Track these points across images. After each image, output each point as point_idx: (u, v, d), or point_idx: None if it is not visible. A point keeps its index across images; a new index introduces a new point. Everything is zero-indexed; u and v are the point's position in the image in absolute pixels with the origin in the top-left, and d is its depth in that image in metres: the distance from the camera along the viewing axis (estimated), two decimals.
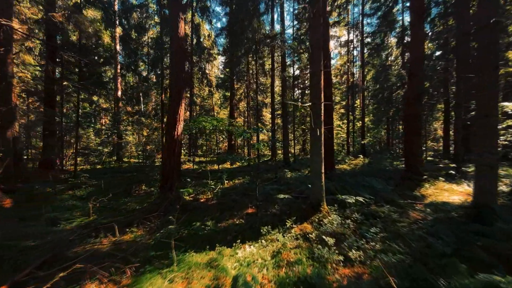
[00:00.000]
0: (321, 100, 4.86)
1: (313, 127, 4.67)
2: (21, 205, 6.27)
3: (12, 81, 7.22)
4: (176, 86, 5.80)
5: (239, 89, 20.80)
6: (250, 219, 4.95)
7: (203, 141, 22.85)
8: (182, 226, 4.60)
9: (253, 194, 6.98)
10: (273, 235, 3.98)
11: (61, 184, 8.72)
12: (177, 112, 5.80)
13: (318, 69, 4.80)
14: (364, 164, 13.33)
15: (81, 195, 7.60)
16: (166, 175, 5.67)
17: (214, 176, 10.57)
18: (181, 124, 5.91)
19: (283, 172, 11.24)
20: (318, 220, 4.51)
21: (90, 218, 4.97)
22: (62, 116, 13.08)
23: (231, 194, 7.18)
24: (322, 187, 4.90)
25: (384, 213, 4.90)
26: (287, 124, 14.71)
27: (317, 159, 4.85)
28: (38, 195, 7.20)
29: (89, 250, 3.43)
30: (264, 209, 5.63)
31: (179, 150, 5.91)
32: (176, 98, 5.79)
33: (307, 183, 8.27)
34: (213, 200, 6.65)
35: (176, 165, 5.85)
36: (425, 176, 7.88)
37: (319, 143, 4.80)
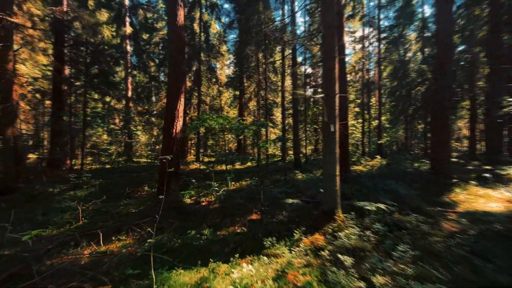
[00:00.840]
0: (336, 91, 4.19)
1: (326, 122, 4.02)
2: (16, 206, 6.01)
3: (13, 79, 7.04)
4: (174, 79, 5.32)
5: (249, 88, 20.27)
6: (253, 227, 4.36)
7: (212, 141, 22.51)
8: (176, 233, 4.08)
9: (259, 198, 6.40)
10: (278, 248, 3.37)
11: (64, 184, 8.52)
12: (176, 107, 5.31)
13: (332, 55, 4.14)
14: (381, 165, 12.39)
15: (81, 196, 7.31)
16: (163, 177, 5.20)
17: (220, 177, 10.08)
18: (180, 121, 5.42)
19: (293, 173, 10.56)
20: (332, 231, 3.84)
21: (80, 223, 4.56)
22: (70, 115, 13.08)
23: (235, 197, 6.62)
24: (336, 191, 4.23)
25: (411, 223, 4.15)
26: (298, 122, 14.00)
27: (331, 159, 4.18)
28: (37, 196, 6.97)
29: (63, 263, 2.97)
30: (270, 215, 5.02)
31: (178, 149, 5.42)
32: (174, 92, 5.31)
33: (319, 186, 7.58)
34: (216, 203, 6.12)
35: (175, 165, 5.36)
36: (455, 180, 6.97)
37: (333, 141, 4.14)
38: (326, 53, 4.15)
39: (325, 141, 4.24)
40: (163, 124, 5.45)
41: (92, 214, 5.10)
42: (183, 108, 5.60)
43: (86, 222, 4.59)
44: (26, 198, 6.73)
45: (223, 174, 10.76)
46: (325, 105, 3.91)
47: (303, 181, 9.02)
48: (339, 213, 4.24)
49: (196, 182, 8.72)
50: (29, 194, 6.99)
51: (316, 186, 7.65)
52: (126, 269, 2.72)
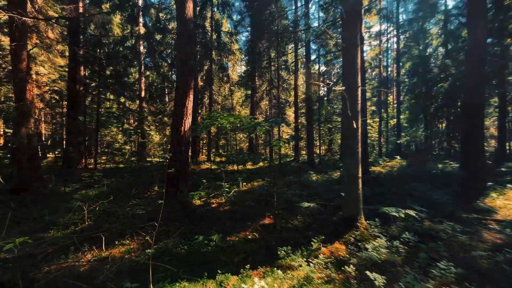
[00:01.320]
0: (358, 84, 3.76)
1: (349, 117, 3.59)
2: (26, 205, 5.99)
3: (26, 78, 7.08)
4: (182, 74, 5.06)
5: (261, 87, 19.92)
6: (266, 234, 4.00)
7: (224, 141, 22.33)
8: (183, 239, 3.79)
9: (272, 200, 6.03)
10: (294, 259, 2.99)
11: (77, 183, 8.54)
12: (184, 104, 5.05)
13: (354, 44, 3.71)
14: (402, 166, 11.64)
15: (91, 196, 7.24)
16: (171, 177, 4.95)
17: (231, 177, 9.80)
18: (189, 119, 5.16)
19: (307, 174, 10.09)
20: (355, 240, 3.41)
21: (85, 224, 4.39)
22: (85, 115, 13.29)
23: (246, 199, 6.29)
24: (359, 195, 3.79)
25: (446, 232, 3.64)
26: (312, 121, 13.49)
27: (352, 160, 3.75)
28: (48, 195, 6.97)
29: (60, 270, 2.74)
30: (284, 220, 4.64)
31: (186, 149, 5.16)
32: (183, 88, 5.05)
33: (337, 189, 7.10)
34: (226, 205, 5.81)
35: (183, 165, 5.10)
36: (489, 183, 6.28)
37: (355, 139, 3.70)
38: (347, 41, 3.72)
39: (346, 138, 3.81)
40: (171, 122, 5.21)
41: (98, 215, 4.93)
42: (192, 105, 5.33)
43: (92, 223, 4.41)
44: (37, 197, 6.73)
45: (234, 175, 10.48)
46: (348, 98, 3.48)
47: (318, 182, 8.55)
48: (362, 219, 3.80)
49: (207, 182, 8.48)
50: (41, 192, 7.00)
51: (332, 188, 7.19)
52: (124, 281, 2.44)
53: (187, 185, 5.26)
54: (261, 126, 4.29)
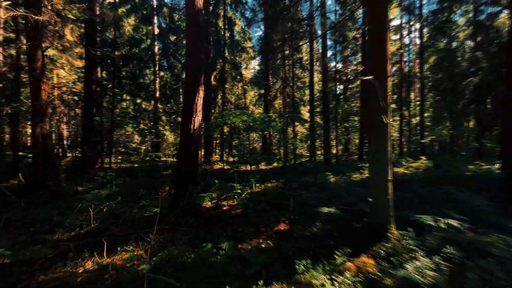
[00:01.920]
0: (388, 73, 3.27)
1: (377, 110, 3.11)
2: (38, 205, 5.97)
3: (41, 78, 7.13)
4: (192, 68, 4.78)
5: (274, 85, 19.48)
6: (282, 242, 3.60)
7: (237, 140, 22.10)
8: (190, 245, 3.48)
9: (287, 203, 5.61)
10: (315, 276, 2.57)
11: (91, 183, 8.56)
12: (194, 101, 4.76)
13: (383, 26, 3.22)
14: (428, 168, 10.78)
15: (103, 195, 7.17)
16: (180, 178, 4.67)
17: (244, 178, 9.47)
18: (198, 116, 4.86)
19: (324, 175, 9.54)
20: (386, 254, 2.93)
21: (90, 227, 4.20)
22: (101, 115, 13.51)
23: (260, 202, 5.89)
24: (389, 201, 3.30)
25: (496, 247, 3.06)
26: (328, 119, 12.88)
27: (382, 159, 3.26)
28: (62, 194, 6.97)
29: (56, 279, 2.50)
30: (301, 226, 4.21)
31: (196, 148, 4.87)
32: (192, 84, 4.77)
33: (358, 192, 6.55)
34: (238, 208, 5.46)
35: (193, 165, 4.81)
36: None
37: (385, 136, 3.22)
38: (375, 22, 3.24)
39: (375, 135, 3.33)
40: (181, 120, 4.94)
41: (105, 216, 4.75)
42: (205, 104, 5.03)
43: (97, 226, 4.22)
44: (50, 196, 6.73)
45: (247, 175, 10.14)
46: (378, 89, 3.01)
47: (337, 184, 8.01)
48: (393, 229, 3.30)
49: (219, 183, 8.20)
50: (54, 192, 7.01)
51: (353, 191, 6.64)
52: None
53: (197, 186, 4.96)
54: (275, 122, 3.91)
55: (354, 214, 4.52)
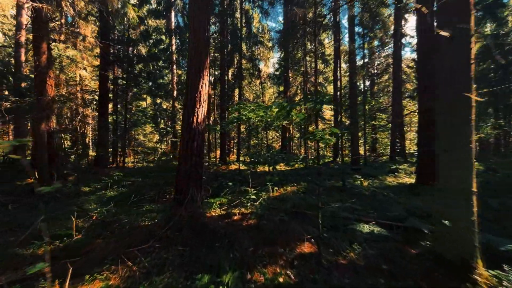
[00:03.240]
0: (471, 29, 2.14)
1: (455, 82, 2.00)
2: (33, 208, 5.50)
3: (46, 72, 6.76)
4: (195, 49, 3.94)
5: (295, 80, 18.33)
6: (307, 274, 2.59)
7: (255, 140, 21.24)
8: (183, 271, 2.60)
9: (311, 214, 4.58)
10: None
11: (99, 183, 8.12)
12: (197, 87, 3.92)
13: None
14: (480, 172, 9.06)
15: (106, 197, 6.63)
16: (181, 181, 3.85)
17: (260, 180, 8.55)
18: (203, 107, 4.01)
19: (353, 179, 8.30)
20: None
21: (74, 239, 3.50)
22: (117, 114, 13.33)
23: (278, 210, 4.91)
24: (473, 224, 2.16)
25: None
26: (356, 115, 11.53)
27: (463, 161, 2.14)
28: (63, 196, 6.52)
29: None
30: (333, 248, 3.16)
31: (200, 145, 4.01)
32: (196, 67, 3.93)
33: (401, 201, 5.32)
34: (251, 218, 4.52)
35: (196, 166, 3.96)
36: None
37: (467, 125, 2.09)
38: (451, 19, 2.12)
39: (448, 123, 2.21)
40: (182, 112, 4.12)
41: (94, 226, 4.05)
42: (208, 90, 4.17)
43: (81, 238, 3.51)
44: (51, 199, 6.29)
45: (264, 177, 9.20)
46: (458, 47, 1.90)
47: (372, 191, 6.76)
48: (480, 267, 2.15)
49: (233, 185, 7.36)
50: (59, 193, 6.58)
51: (395, 201, 5.42)
52: None
53: (201, 190, 4.10)
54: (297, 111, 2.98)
55: (404, 235, 3.38)
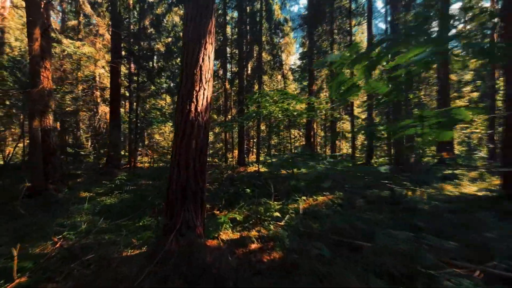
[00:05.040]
0: None
1: None
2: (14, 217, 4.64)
3: (42, 62, 5.96)
4: (193, 12, 2.68)
5: (320, 73, 16.62)
6: None
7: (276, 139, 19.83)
8: None
9: (362, 246, 3.16)
10: None
11: (102, 187, 7.28)
12: (196, 61, 2.68)
13: None
14: None
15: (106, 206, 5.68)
16: (172, 200, 2.63)
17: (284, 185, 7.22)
18: (205, 90, 2.76)
19: (401, 186, 6.61)
20: None
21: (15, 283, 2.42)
22: (130, 113, 12.68)
23: (311, 235, 3.53)
24: None
25: None
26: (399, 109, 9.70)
27: None
28: (62, 201, 5.68)
29: None
30: None
31: (201, 145, 2.76)
32: (195, 33, 2.69)
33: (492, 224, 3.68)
34: (275, 249, 3.19)
35: (196, 177, 2.70)
36: None
37: None
38: None
39: None
40: (177, 98, 2.86)
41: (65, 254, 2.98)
42: (213, 67, 2.90)
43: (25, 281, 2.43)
44: (45, 204, 5.46)
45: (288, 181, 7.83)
46: None
47: (432, 205, 5.10)
48: None
49: (251, 192, 6.10)
50: (50, 198, 5.75)
51: (483, 223, 3.77)
52: None
53: (202, 212, 2.84)
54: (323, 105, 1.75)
55: None
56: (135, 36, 11.49)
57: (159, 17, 12.24)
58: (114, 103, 10.73)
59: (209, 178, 8.28)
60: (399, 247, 2.99)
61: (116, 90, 10.75)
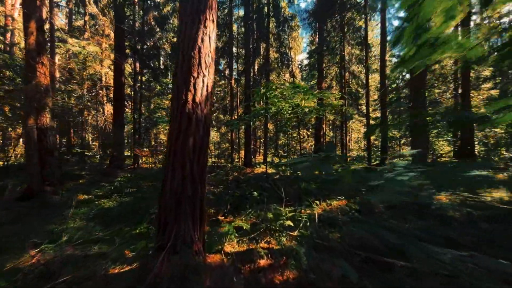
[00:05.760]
0: None
1: None
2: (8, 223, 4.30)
3: (39, 57, 5.65)
4: None
5: (329, 70, 16.01)
6: None
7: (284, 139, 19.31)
8: None
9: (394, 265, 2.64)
10: None
11: (101, 189, 6.94)
12: (194, 42, 2.22)
13: None
14: None
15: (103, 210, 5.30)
16: (165, 210, 2.18)
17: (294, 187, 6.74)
18: (206, 77, 2.29)
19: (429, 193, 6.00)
20: None
21: None
22: (134, 112, 12.41)
23: (329, 249, 3.02)
24: None
25: None
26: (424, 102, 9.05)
27: None
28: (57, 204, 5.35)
29: None
30: None
31: (200, 143, 2.30)
32: (192, 8, 2.23)
33: None
34: (288, 267, 2.69)
35: (194, 181, 2.24)
36: None
37: None
38: None
39: None
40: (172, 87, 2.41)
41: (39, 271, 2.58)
42: (214, 50, 2.44)
43: None
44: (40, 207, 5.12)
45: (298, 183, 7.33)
46: None
47: (464, 212, 4.50)
48: None
49: (259, 195, 5.64)
50: (46, 201, 5.42)
51: None
52: None
53: (201, 224, 2.36)
54: None
55: None
56: (139, 34, 11.20)
57: (163, 14, 11.92)
58: (117, 102, 10.45)
59: (214, 180, 7.84)
60: (439, 264, 2.45)
61: (119, 88, 10.46)
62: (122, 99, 10.70)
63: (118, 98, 10.49)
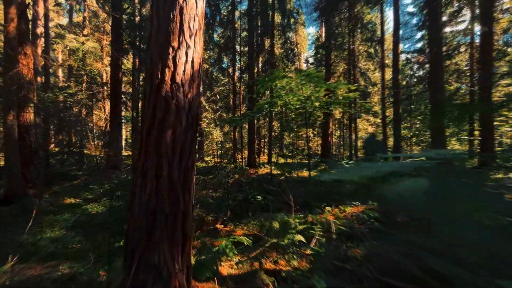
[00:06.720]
0: None
1: None
2: None
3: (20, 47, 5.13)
4: None
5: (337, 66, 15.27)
6: None
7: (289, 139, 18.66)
8: None
9: None
10: None
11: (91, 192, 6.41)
12: (173, 1, 1.64)
13: None
14: None
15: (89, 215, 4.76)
16: (133, 234, 1.58)
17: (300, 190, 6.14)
18: (193, 50, 1.71)
19: None
20: None
21: None
22: (132, 110, 11.91)
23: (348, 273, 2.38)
24: None
25: None
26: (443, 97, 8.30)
27: None
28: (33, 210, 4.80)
29: None
30: None
31: (186, 139, 1.71)
32: None
33: None
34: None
35: (175, 187, 1.66)
36: None
37: None
38: None
39: None
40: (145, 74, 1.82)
41: None
42: (203, 12, 1.83)
43: None
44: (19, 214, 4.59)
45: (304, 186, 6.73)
46: None
47: None
48: None
49: (263, 199, 5.06)
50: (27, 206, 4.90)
51: None
52: None
53: (184, 246, 1.75)
54: None
55: None
56: (136, 27, 10.69)
57: None
58: (114, 99, 9.95)
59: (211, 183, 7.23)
60: None
61: (116, 84, 9.96)
62: (119, 96, 10.19)
63: (115, 95, 9.99)
